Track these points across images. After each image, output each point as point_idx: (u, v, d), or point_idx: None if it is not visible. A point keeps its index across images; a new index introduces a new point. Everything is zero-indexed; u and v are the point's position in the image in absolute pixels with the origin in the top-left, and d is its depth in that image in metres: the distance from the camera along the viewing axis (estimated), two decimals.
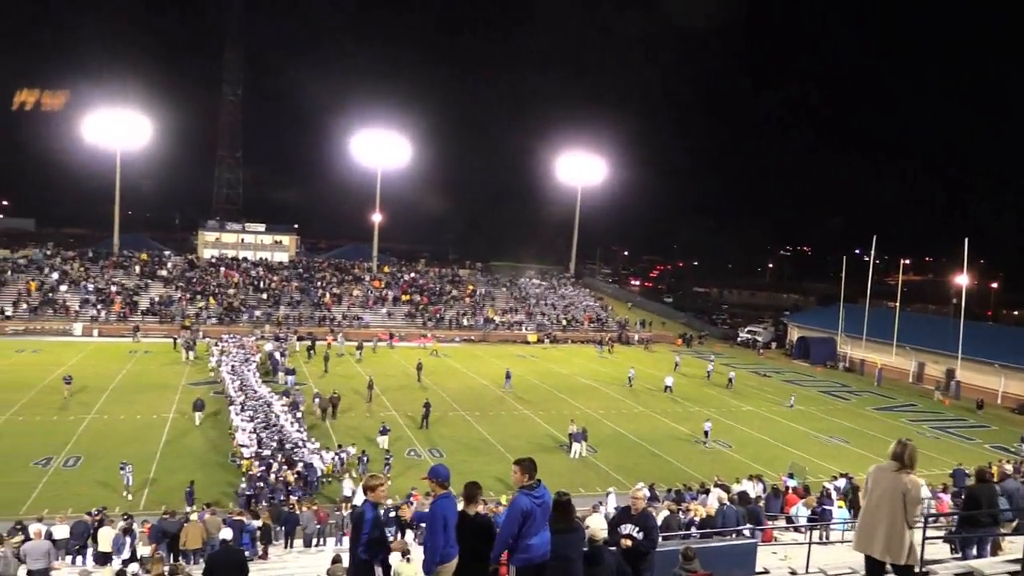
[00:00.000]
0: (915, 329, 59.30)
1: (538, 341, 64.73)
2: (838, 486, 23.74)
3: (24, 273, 62.15)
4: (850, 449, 36.16)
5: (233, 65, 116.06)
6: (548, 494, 7.33)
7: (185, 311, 60.21)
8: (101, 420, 33.20)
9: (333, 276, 72.06)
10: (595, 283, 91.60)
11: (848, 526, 19.16)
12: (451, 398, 41.22)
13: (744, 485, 23.67)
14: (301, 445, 28.18)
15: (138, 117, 69.62)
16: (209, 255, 75.66)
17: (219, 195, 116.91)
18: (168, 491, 25.15)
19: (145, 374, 43.20)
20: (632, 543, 8.56)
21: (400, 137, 76.56)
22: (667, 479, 27.42)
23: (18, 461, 27.28)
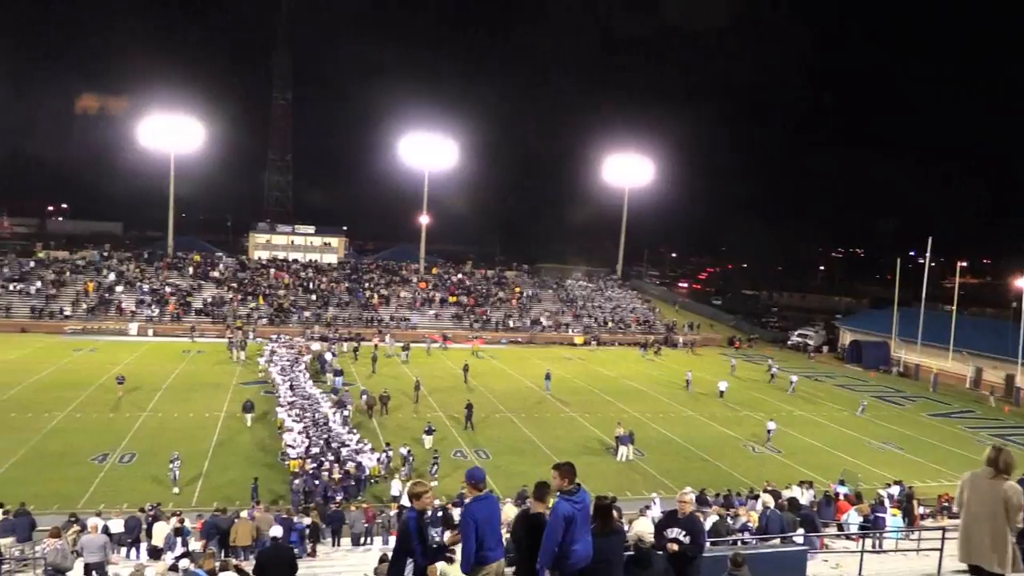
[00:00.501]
0: (973, 333, 57.71)
1: (585, 343, 64.48)
2: (892, 493, 23.22)
3: (82, 274, 63.84)
4: (904, 456, 35.36)
5: (282, 70, 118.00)
6: (588, 498, 7.25)
7: (237, 312, 61.23)
8: (155, 418, 33.90)
9: (381, 278, 72.67)
10: (642, 285, 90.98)
11: (902, 535, 18.71)
12: (497, 399, 41.25)
13: (794, 491, 23.25)
14: (349, 444, 28.46)
15: (191, 122, 71.09)
16: (260, 257, 76.83)
17: (270, 198, 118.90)
18: (219, 488, 25.59)
19: (198, 374, 44.00)
20: (679, 547, 8.42)
21: (447, 139, 76.94)
22: (716, 484, 27.05)
23: (76, 457, 27.99)
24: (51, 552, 15.54)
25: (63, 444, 29.45)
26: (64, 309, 57.79)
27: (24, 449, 28.49)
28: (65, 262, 66.29)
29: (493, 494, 7.50)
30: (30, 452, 28.26)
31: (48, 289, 60.42)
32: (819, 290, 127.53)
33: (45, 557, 15.60)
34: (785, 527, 15.93)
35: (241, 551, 18.34)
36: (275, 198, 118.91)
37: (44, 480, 25.44)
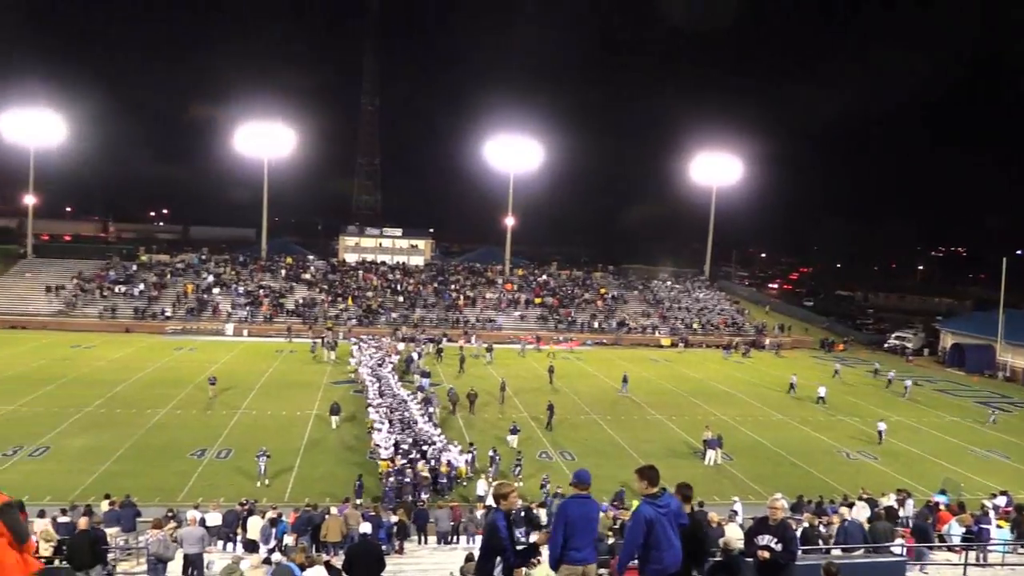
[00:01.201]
0: None
1: (671, 345, 63.67)
2: (997, 504, 22.09)
3: (182, 277, 66.51)
4: (1010, 465, 33.64)
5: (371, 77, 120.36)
6: (674, 502, 7.12)
7: (327, 313, 62.73)
8: (250, 415, 35.00)
9: (467, 279, 73.37)
10: (731, 286, 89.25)
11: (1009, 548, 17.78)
12: (583, 401, 41.08)
13: (891, 500, 22.38)
14: (436, 443, 28.77)
15: (284, 129, 73.31)
16: (349, 259, 78.55)
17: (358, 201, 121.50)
18: (310, 484, 26.24)
19: (290, 373, 45.24)
20: (769, 555, 8.19)
21: (532, 141, 77.12)
22: (808, 490, 26.25)
23: (176, 452, 29.13)
24: (154, 543, 16.18)
25: (164, 439, 30.70)
26: (165, 310, 60.33)
27: (129, 443, 29.82)
28: (166, 265, 69.17)
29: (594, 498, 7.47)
30: (134, 446, 29.56)
31: (150, 291, 63.17)
32: (917, 291, 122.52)
33: (148, 547, 16.26)
34: (877, 538, 15.30)
35: (331, 547, 18.73)
36: (363, 201, 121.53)
37: (147, 473, 26.56)
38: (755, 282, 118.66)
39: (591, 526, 7.35)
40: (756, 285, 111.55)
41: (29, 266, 67.79)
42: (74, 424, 32.17)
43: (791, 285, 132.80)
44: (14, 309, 59.38)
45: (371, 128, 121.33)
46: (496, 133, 77.36)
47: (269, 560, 13.93)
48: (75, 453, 28.50)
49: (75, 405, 34.91)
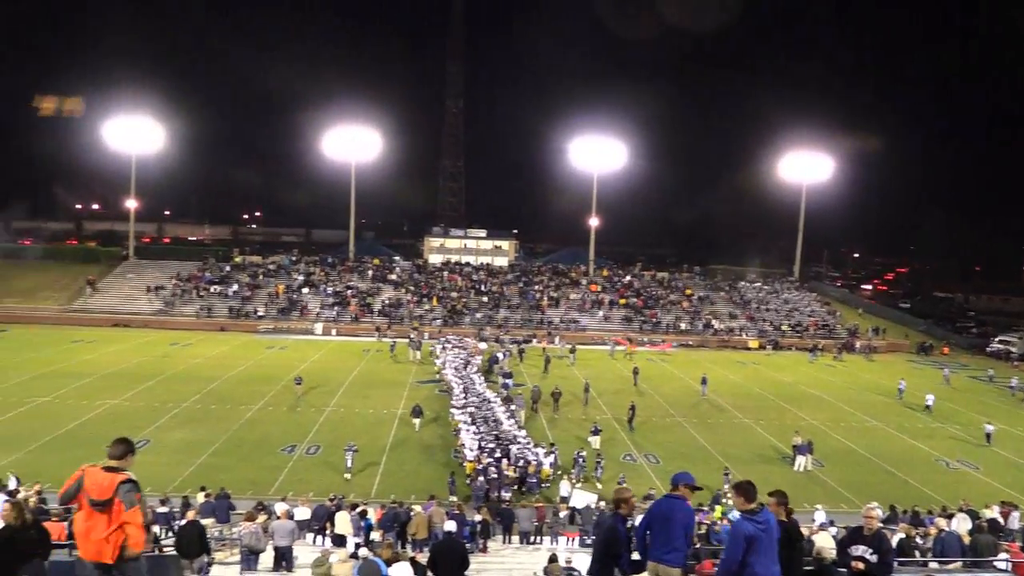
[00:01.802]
0: None
1: (760, 347, 62.21)
2: None
3: (274, 277, 68.47)
4: None
5: (455, 79, 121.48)
6: (773, 518, 6.88)
7: (412, 313, 63.59)
8: (338, 413, 35.74)
9: (551, 280, 73.31)
10: (822, 287, 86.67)
11: None
12: (668, 403, 40.51)
13: (994, 512, 21.26)
14: (519, 442, 28.80)
15: (370, 132, 74.70)
16: (434, 260, 79.47)
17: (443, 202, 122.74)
18: (396, 482, 26.60)
19: (377, 371, 46.02)
20: (864, 566, 7.86)
21: (616, 141, 76.58)
22: (903, 500, 25.21)
23: (268, 447, 29.96)
24: (247, 535, 16.65)
25: (257, 435, 31.62)
26: (258, 310, 62.19)
27: (223, 438, 30.81)
28: (259, 266, 71.32)
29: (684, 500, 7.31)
30: (228, 441, 30.53)
31: (244, 291, 65.21)
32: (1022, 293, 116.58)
33: (241, 539, 16.74)
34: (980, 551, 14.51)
35: (416, 544, 18.92)
36: (448, 203, 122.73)
37: (240, 467, 27.39)
38: (848, 283, 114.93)
39: (667, 526, 7.19)
40: (849, 286, 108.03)
41: (131, 267, 70.95)
42: (173, 418, 33.46)
43: (886, 286, 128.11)
44: (118, 308, 62.23)
45: (455, 130, 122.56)
46: (580, 133, 77.20)
47: (356, 555, 14.13)
48: (173, 446, 29.62)
49: (173, 400, 36.31)
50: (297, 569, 16.69)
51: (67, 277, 68.50)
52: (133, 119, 71.54)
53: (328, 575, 13.34)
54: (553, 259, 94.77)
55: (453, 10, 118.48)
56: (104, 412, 34.08)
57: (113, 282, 67.62)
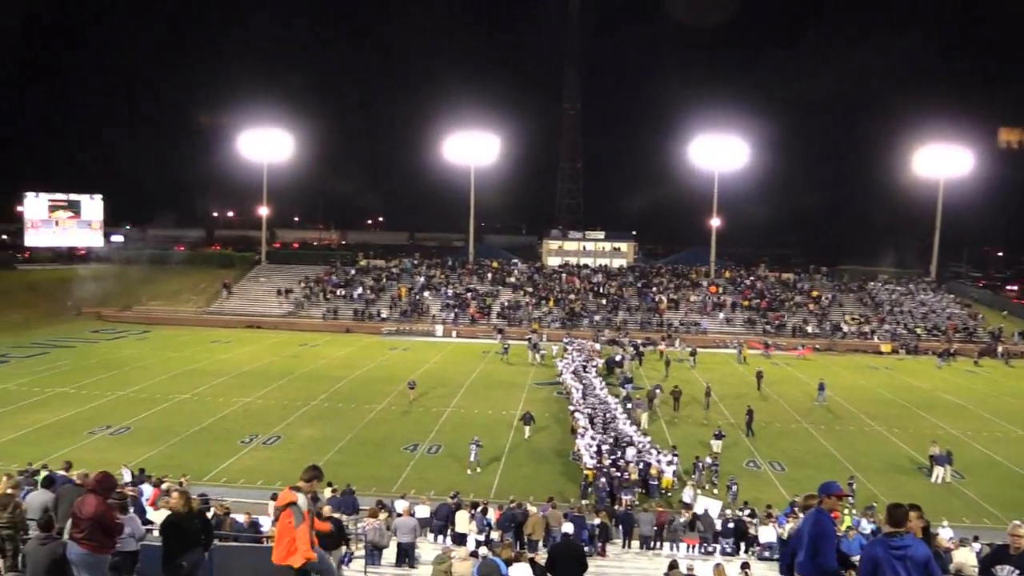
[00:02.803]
0: None
1: (892, 351, 59.16)
2: None
3: (396, 280, 70.24)
4: None
5: (572, 81, 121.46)
6: (917, 546, 6.36)
7: (531, 315, 63.88)
8: (458, 413, 36.24)
9: (670, 282, 72.15)
10: (961, 288, 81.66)
11: None
12: (793, 409, 39.08)
13: None
14: (637, 444, 28.38)
15: (488, 136, 75.59)
16: (552, 262, 79.60)
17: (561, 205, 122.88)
18: (515, 482, 26.69)
19: (496, 373, 46.44)
20: None
21: (737, 138, 74.69)
22: None
23: (391, 445, 30.68)
24: (371, 531, 17.05)
25: (380, 433, 32.44)
26: (381, 312, 63.98)
27: (349, 436, 31.76)
28: (382, 270, 73.37)
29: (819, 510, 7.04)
30: (353, 439, 31.44)
31: (368, 294, 67.18)
32: None
33: (365, 535, 17.15)
34: None
35: (531, 544, 18.91)
36: (566, 205, 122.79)
37: (364, 464, 28.14)
38: (991, 283, 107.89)
39: (800, 538, 7.01)
40: (992, 286, 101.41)
41: (263, 271, 74.40)
42: (301, 416, 34.75)
43: None
44: (251, 310, 65.32)
45: (573, 132, 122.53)
46: (700, 132, 75.62)
47: (476, 553, 14.22)
48: (302, 443, 30.75)
49: (302, 399, 37.73)
50: (419, 565, 16.97)
51: (205, 281, 72.53)
52: (265, 130, 75.05)
53: (449, 573, 13.47)
54: (673, 260, 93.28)
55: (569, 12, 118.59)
56: (239, 409, 35.77)
57: (247, 285, 71.06)
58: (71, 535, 8.07)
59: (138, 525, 9.72)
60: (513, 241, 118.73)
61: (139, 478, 21.72)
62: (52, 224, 79.71)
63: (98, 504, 8.11)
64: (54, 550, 8.11)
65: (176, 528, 8.54)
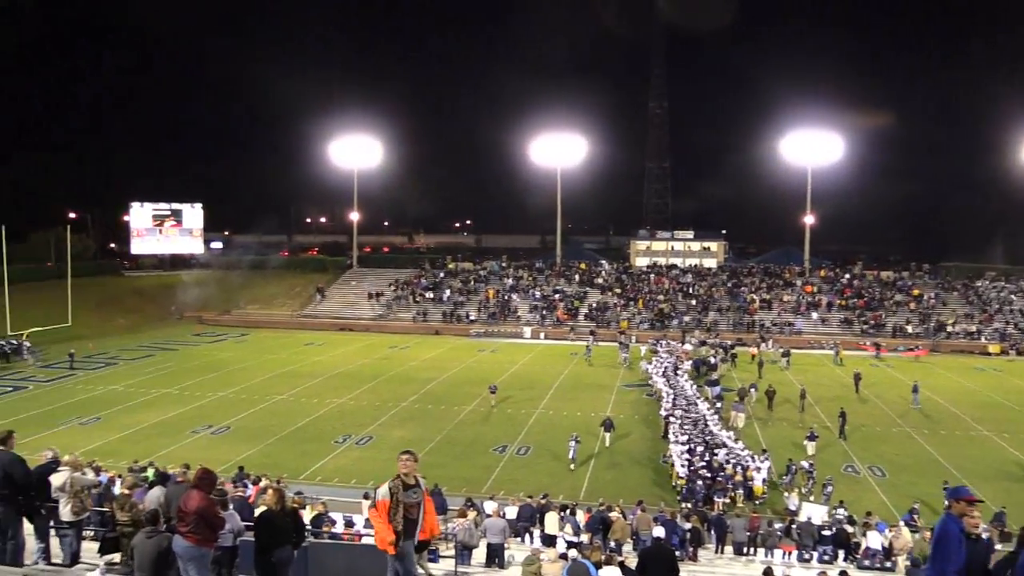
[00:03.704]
0: None
1: (1001, 353, 56.22)
2: None
3: (484, 283, 70.76)
4: None
5: (658, 80, 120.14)
6: None
7: (619, 317, 63.38)
8: (547, 415, 36.20)
9: (762, 281, 70.45)
10: None
11: None
12: (894, 412, 37.58)
13: None
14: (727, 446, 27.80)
15: (575, 138, 75.42)
16: (641, 263, 78.81)
17: (649, 205, 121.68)
18: (605, 484, 26.48)
19: (584, 375, 46.21)
20: None
21: (831, 133, 72.42)
22: None
23: (481, 447, 30.87)
24: (461, 531, 17.17)
25: (470, 435, 32.68)
26: (470, 314, 64.52)
27: (439, 437, 32.11)
28: (470, 272, 74.02)
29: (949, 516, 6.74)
30: (444, 440, 31.76)
31: (456, 296, 67.88)
32: None
33: (455, 534, 17.28)
34: None
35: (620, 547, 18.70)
36: (654, 205, 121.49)
37: (454, 465, 28.37)
38: None
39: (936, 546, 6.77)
40: None
41: (354, 275, 76.17)
42: (393, 417, 35.33)
43: None
44: (343, 313, 66.90)
45: (660, 131, 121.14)
46: (791, 127, 73.65)
47: (565, 555, 14.14)
48: (394, 443, 31.16)
49: (393, 400, 38.36)
50: (508, 566, 16.99)
51: (300, 285, 74.68)
52: (355, 138, 76.87)
53: (538, 574, 13.42)
54: (764, 259, 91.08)
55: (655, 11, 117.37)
56: (332, 410, 36.62)
57: (339, 289, 72.84)
58: (177, 529, 8.41)
59: (237, 521, 10.03)
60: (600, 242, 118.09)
61: (240, 476, 22.44)
62: (156, 232, 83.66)
63: (201, 499, 8.47)
64: (159, 543, 8.50)
65: (268, 525, 8.78)
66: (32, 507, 10.16)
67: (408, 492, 8.27)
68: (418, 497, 8.35)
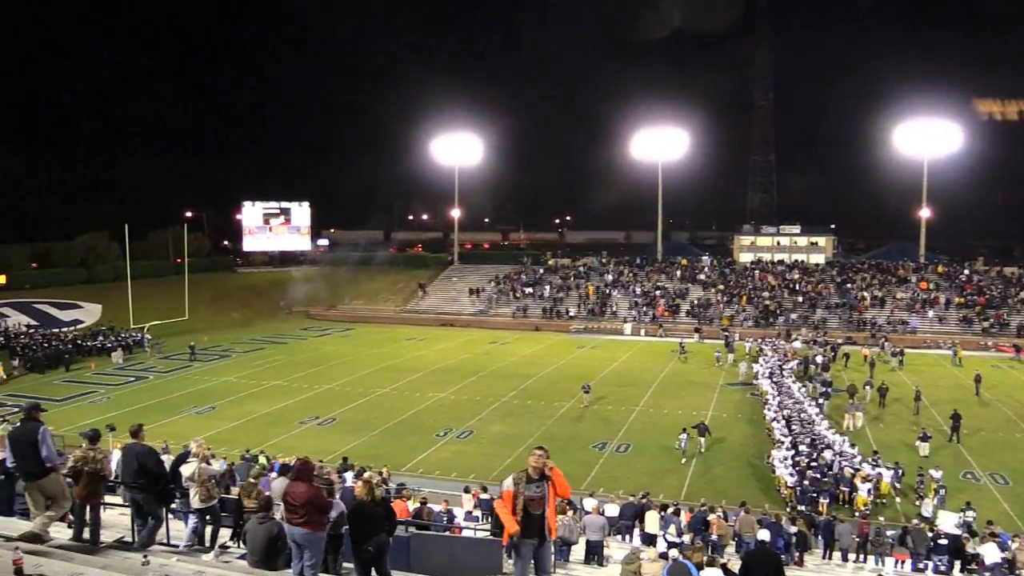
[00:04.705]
0: None
1: None
2: None
3: (584, 279, 70.49)
4: None
5: (763, 70, 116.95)
6: None
7: (722, 314, 62.07)
8: (647, 413, 35.77)
9: (874, 278, 67.67)
10: None
11: None
12: (1019, 416, 35.44)
13: None
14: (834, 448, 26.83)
15: (676, 131, 74.25)
16: (744, 259, 76.96)
17: (753, 199, 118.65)
18: (705, 484, 25.99)
19: (686, 373, 45.44)
20: None
21: (947, 121, 68.92)
22: None
23: (580, 443, 30.75)
24: (561, 527, 17.12)
25: (569, 431, 32.62)
26: (569, 310, 64.39)
27: (539, 432, 32.16)
28: (570, 268, 73.89)
29: None
30: (543, 436, 31.75)
31: (556, 292, 67.85)
32: None
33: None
34: None
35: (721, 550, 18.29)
36: (759, 199, 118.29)
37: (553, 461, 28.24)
38: None
39: None
40: None
41: (455, 272, 77.18)
42: (492, 412, 35.61)
43: None
44: (444, 309, 67.89)
45: (764, 123, 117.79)
46: (905, 117, 70.45)
47: (666, 555, 13.92)
48: (492, 438, 31.50)
49: (493, 395, 38.66)
50: (608, 564, 16.86)
51: (402, 281, 76.20)
52: (456, 135, 77.89)
53: (638, 573, 13.26)
54: (876, 255, 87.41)
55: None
56: (433, 404, 37.18)
57: (440, 285, 73.96)
58: (290, 520, 8.78)
59: (342, 508, 10.31)
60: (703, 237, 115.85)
61: (344, 466, 23.03)
62: (266, 230, 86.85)
63: (307, 488, 8.85)
64: (270, 529, 9.01)
65: (360, 515, 9.04)
66: (167, 495, 10.87)
67: (531, 485, 8.25)
68: (541, 491, 8.30)
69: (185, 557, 9.60)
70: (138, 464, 10.23)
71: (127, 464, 10.36)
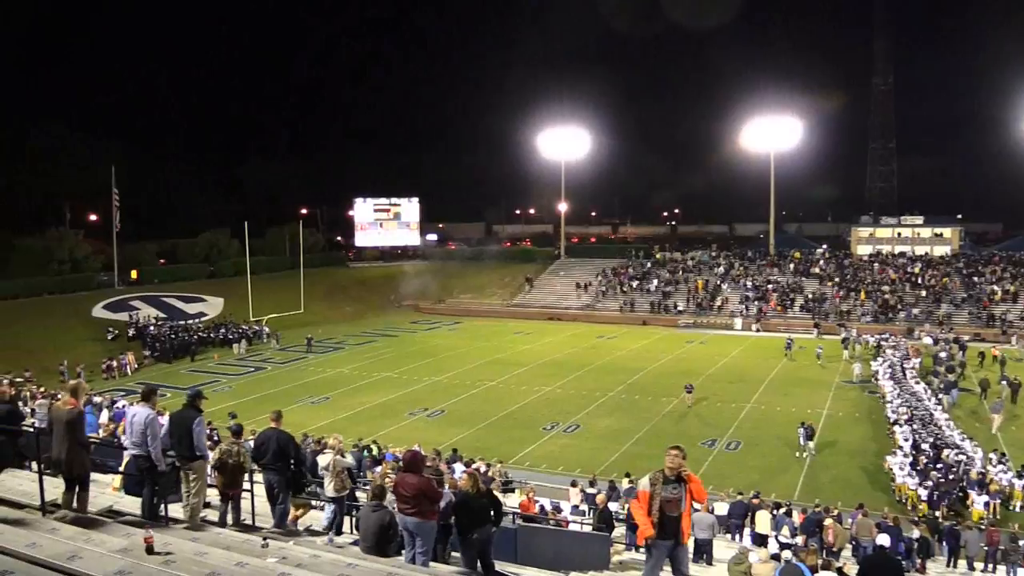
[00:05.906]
0: None
1: None
2: None
3: (693, 272, 69.27)
4: None
5: (883, 54, 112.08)
6: None
7: (838, 308, 59.81)
8: (758, 410, 34.84)
9: (1005, 270, 63.81)
10: None
11: None
12: None
13: None
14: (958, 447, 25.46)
15: (790, 120, 71.87)
16: (862, 251, 73.88)
17: (872, 189, 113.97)
18: (820, 485, 25.15)
19: (800, 369, 44.01)
20: None
21: None
22: None
23: (688, 440, 29.93)
24: None
25: (677, 427, 32.14)
26: (678, 304, 63.39)
27: (646, 428, 31.83)
28: (678, 262, 72.72)
29: None
30: (650, 431, 31.43)
31: (664, 286, 66.92)
32: None
33: None
34: None
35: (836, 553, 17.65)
36: (878, 189, 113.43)
37: (661, 457, 27.16)
38: None
39: None
40: None
41: (562, 266, 77.14)
42: (599, 407, 35.43)
43: None
44: (551, 303, 67.98)
45: (884, 109, 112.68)
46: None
47: (778, 556, 13.54)
48: (600, 432, 31.36)
49: (600, 389, 38.46)
50: (716, 563, 16.52)
51: (509, 275, 76.69)
52: (562, 129, 77.83)
53: (747, 574, 12.94)
54: (1008, 247, 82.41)
55: None
56: (539, 398, 37.30)
57: (547, 279, 74.07)
58: (402, 510, 9.07)
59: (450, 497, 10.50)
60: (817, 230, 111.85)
61: (453, 458, 23.36)
62: (377, 226, 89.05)
63: (417, 479, 9.09)
64: (382, 517, 9.29)
65: (465, 507, 9.20)
66: (300, 481, 11.55)
67: (667, 486, 8.12)
68: (679, 494, 8.13)
69: (301, 540, 9.93)
70: (278, 447, 10.82)
71: (266, 448, 10.91)
